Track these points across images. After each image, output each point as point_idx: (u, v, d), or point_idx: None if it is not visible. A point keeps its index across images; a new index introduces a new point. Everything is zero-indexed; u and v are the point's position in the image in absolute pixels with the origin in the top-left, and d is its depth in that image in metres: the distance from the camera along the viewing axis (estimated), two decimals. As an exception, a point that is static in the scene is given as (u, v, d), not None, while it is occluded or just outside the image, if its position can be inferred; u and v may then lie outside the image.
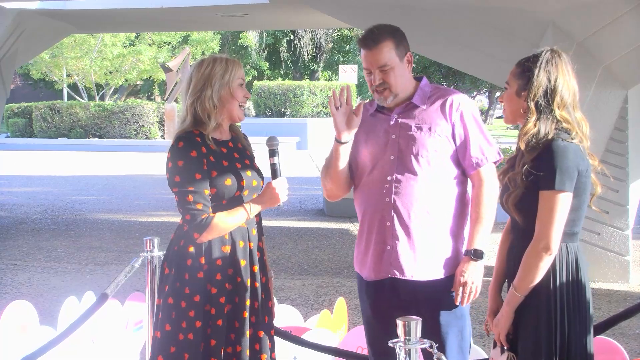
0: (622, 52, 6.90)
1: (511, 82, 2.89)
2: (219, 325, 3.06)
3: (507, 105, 2.92)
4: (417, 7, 7.55)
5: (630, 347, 5.33)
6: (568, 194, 2.74)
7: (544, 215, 2.74)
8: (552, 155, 2.73)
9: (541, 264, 2.75)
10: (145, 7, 10.40)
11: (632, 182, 7.20)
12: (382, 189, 3.16)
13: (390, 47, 3.12)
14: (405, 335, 2.53)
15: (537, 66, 2.81)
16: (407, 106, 3.18)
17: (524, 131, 2.81)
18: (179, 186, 3.05)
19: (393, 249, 3.13)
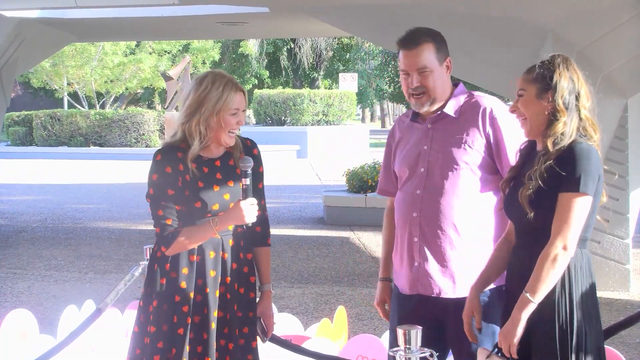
0: (621, 61, 6.91)
1: (527, 87, 2.79)
2: (179, 334, 3.05)
3: (527, 109, 2.79)
4: (417, 15, 7.56)
5: (630, 356, 5.32)
6: (589, 198, 2.69)
7: (563, 217, 2.66)
8: (577, 157, 2.67)
9: (558, 266, 2.66)
10: (145, 16, 10.42)
11: (632, 190, 7.20)
12: (411, 202, 3.10)
13: (430, 50, 3.05)
14: (405, 344, 2.52)
15: (557, 67, 2.77)
16: (439, 115, 3.10)
17: (553, 131, 2.73)
18: (151, 198, 3.10)
19: (420, 266, 3.08)
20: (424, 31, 3.10)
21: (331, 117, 27.52)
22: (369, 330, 5.87)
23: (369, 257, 9.07)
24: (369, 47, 36.86)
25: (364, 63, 39.18)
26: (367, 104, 45.06)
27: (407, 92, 3.09)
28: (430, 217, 3.05)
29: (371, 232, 10.56)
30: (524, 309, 2.68)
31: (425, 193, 3.07)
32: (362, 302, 6.95)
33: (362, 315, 6.50)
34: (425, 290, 3.08)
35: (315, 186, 16.84)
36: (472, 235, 3.05)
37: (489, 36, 7.45)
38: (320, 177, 19.10)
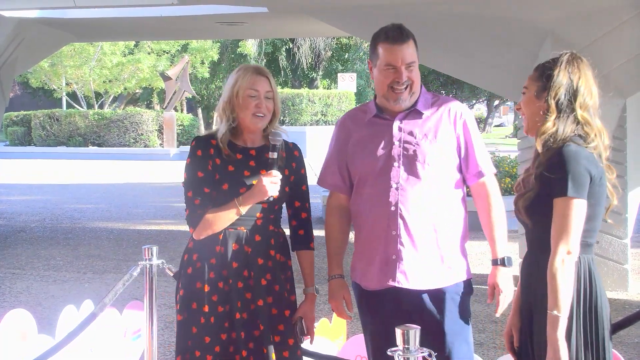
0: (621, 61, 6.91)
1: (530, 85, 2.82)
2: (211, 322, 3.12)
3: (526, 108, 2.83)
4: (416, 16, 7.56)
5: (629, 356, 5.33)
6: (582, 201, 2.64)
7: (559, 223, 2.64)
8: (563, 161, 2.64)
9: (568, 273, 2.62)
10: (144, 16, 10.41)
11: (630, 190, 7.21)
12: (387, 197, 3.12)
13: (414, 46, 3.13)
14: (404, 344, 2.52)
15: (558, 66, 2.77)
16: (410, 112, 3.15)
17: (541, 131, 2.72)
18: (185, 182, 3.19)
19: (398, 257, 3.10)
20: (404, 27, 3.15)
21: (330, 117, 27.53)
22: (368, 330, 5.86)
23: (368, 257, 9.07)
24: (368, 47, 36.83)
25: (363, 63, 39.14)
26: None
27: (387, 85, 3.10)
28: (410, 210, 3.09)
29: (370, 232, 10.56)
30: (556, 329, 2.61)
31: (404, 186, 3.10)
32: (361, 302, 6.94)
33: (360, 315, 6.49)
34: (401, 283, 3.10)
35: (313, 186, 16.81)
36: (446, 228, 3.13)
37: (488, 36, 7.45)
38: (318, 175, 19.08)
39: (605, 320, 2.72)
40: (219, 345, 3.13)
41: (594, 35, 6.81)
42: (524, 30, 7.18)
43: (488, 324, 6.16)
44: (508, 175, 11.19)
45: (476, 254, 9.17)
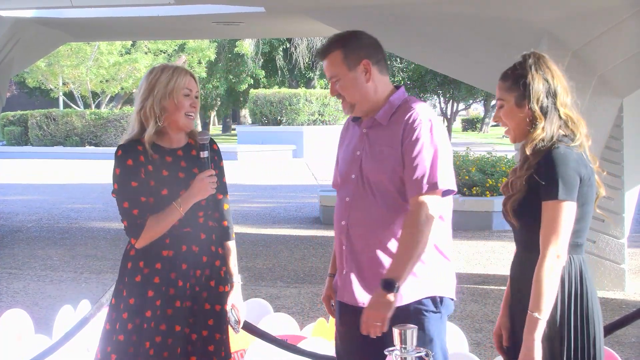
0: (617, 61, 6.92)
1: (505, 97, 2.79)
2: (151, 327, 3.10)
3: (510, 120, 2.79)
4: (413, 16, 7.56)
5: (626, 356, 5.33)
6: (572, 204, 2.65)
7: (548, 226, 2.63)
8: (553, 164, 2.64)
9: (554, 277, 2.62)
10: (141, 16, 10.40)
11: (627, 190, 7.22)
12: (341, 210, 3.03)
13: (338, 58, 2.95)
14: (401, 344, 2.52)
15: (529, 71, 2.75)
16: (373, 121, 3.00)
17: (532, 138, 2.71)
18: (116, 193, 3.15)
19: (347, 275, 3.00)
20: (336, 38, 3.01)
21: (327, 116, 27.52)
22: (365, 330, 5.87)
23: (365, 257, 9.08)
24: (365, 47, 36.81)
25: (360, 63, 39.13)
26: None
27: None
28: (356, 227, 2.96)
29: (367, 232, 10.56)
30: (534, 330, 2.61)
31: (354, 202, 2.98)
32: (358, 301, 6.95)
33: (358, 315, 6.50)
34: (350, 300, 2.99)
35: (311, 186, 16.84)
36: (393, 248, 2.91)
37: (485, 37, 7.46)
38: (316, 176, 19.10)
39: (597, 320, 2.72)
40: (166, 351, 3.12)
41: (591, 35, 6.81)
42: (520, 30, 7.19)
43: (485, 323, 6.16)
44: (505, 175, 11.21)
45: (473, 253, 9.18)
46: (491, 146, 23.14)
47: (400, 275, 2.81)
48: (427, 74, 33.48)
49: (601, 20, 6.67)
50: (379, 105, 2.99)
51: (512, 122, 2.78)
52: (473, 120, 43.88)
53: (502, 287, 7.39)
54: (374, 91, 2.99)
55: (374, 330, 2.81)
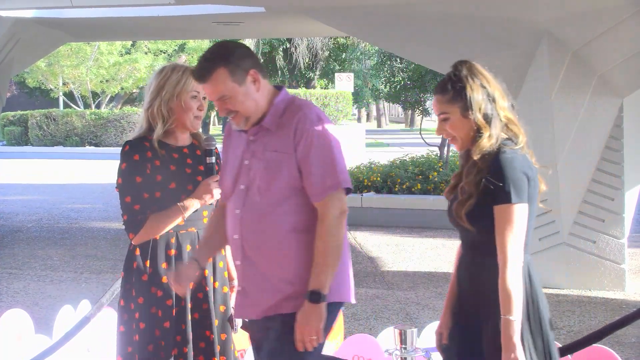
0: (617, 61, 6.92)
1: (449, 109, 2.79)
2: (166, 327, 3.12)
3: (458, 131, 2.80)
4: (413, 16, 7.56)
5: (626, 356, 5.33)
6: (524, 205, 2.71)
7: (504, 229, 2.69)
8: (503, 169, 2.69)
9: (517, 277, 2.67)
10: (141, 16, 10.41)
11: (627, 190, 7.22)
12: (233, 223, 2.89)
13: (224, 76, 2.78)
14: (401, 344, 2.53)
15: (467, 82, 2.77)
16: (260, 128, 2.87)
17: (480, 146, 2.74)
18: (120, 187, 3.16)
19: (244, 290, 2.90)
20: (215, 56, 2.81)
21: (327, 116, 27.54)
22: (365, 330, 5.87)
23: (365, 257, 9.08)
24: (365, 47, 36.86)
25: (360, 63, 39.17)
26: (363, 104, 45.08)
27: None
28: (250, 240, 2.84)
29: (367, 232, 10.57)
30: (513, 332, 2.64)
31: (245, 213, 2.85)
32: (358, 302, 6.95)
33: (358, 315, 6.50)
34: (250, 315, 2.93)
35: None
36: (292, 255, 2.82)
37: (485, 37, 7.46)
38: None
39: (546, 316, 2.78)
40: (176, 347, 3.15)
41: (590, 35, 6.81)
42: (520, 31, 7.19)
43: (485, 323, 6.17)
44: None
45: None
46: (491, 146, 23.12)
47: (324, 284, 2.75)
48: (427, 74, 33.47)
49: (601, 20, 6.67)
50: (264, 110, 2.86)
51: (460, 132, 2.81)
52: (473, 120, 43.91)
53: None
54: (262, 98, 2.86)
55: (310, 344, 2.76)
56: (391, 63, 13.08)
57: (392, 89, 13.03)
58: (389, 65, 13.15)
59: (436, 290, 7.36)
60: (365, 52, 37.89)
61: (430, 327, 4.49)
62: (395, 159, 12.55)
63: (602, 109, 7.09)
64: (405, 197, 11.25)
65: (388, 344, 4.11)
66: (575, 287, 7.30)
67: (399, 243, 9.90)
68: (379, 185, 11.56)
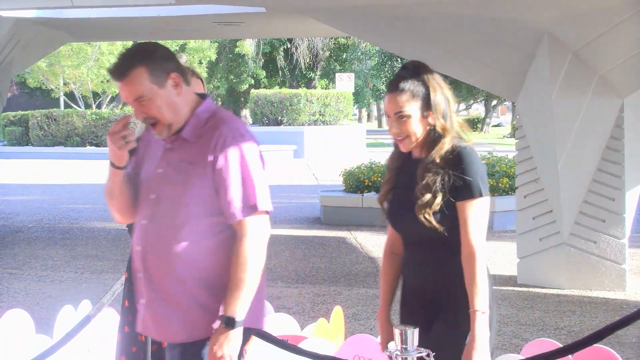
0: (618, 61, 6.92)
1: (408, 109, 2.76)
2: None
3: (415, 132, 2.77)
4: (413, 16, 7.56)
5: (626, 356, 5.33)
6: (488, 198, 2.75)
7: (471, 224, 2.70)
8: (468, 163, 2.71)
9: (485, 269, 2.69)
10: (142, 16, 10.41)
11: (628, 190, 7.22)
12: (137, 232, 2.75)
13: (144, 75, 2.62)
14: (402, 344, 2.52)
15: (429, 84, 2.77)
16: (178, 137, 2.70)
17: (440, 147, 2.74)
18: None
19: (145, 306, 2.75)
20: (131, 53, 2.66)
21: (328, 117, 27.52)
22: (366, 330, 5.87)
23: (366, 257, 9.08)
24: (366, 47, 36.87)
25: (361, 63, 39.17)
26: (363, 104, 45.12)
27: None
28: (154, 253, 2.69)
29: (368, 232, 10.57)
30: (485, 325, 2.66)
31: (152, 225, 2.70)
32: (359, 302, 6.95)
33: (358, 315, 6.50)
34: (152, 335, 2.81)
35: (312, 186, 16.84)
36: (200, 273, 2.66)
37: (485, 37, 7.46)
38: (317, 177, 19.10)
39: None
40: None
41: (591, 36, 6.82)
42: (520, 31, 7.19)
43: (486, 323, 6.16)
44: (506, 175, 11.20)
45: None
46: (492, 146, 23.15)
47: (236, 310, 2.59)
48: (427, 74, 33.48)
49: (601, 20, 6.67)
50: (185, 119, 2.69)
51: (417, 132, 2.78)
52: (474, 120, 43.85)
53: (503, 288, 7.40)
54: (183, 105, 2.69)
55: None
56: (392, 63, 13.09)
57: (392, 89, 13.00)
58: (390, 66, 13.16)
59: (437, 291, 7.36)
60: (366, 52, 37.92)
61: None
62: (396, 159, 12.52)
63: (602, 109, 7.09)
64: (406, 197, 11.23)
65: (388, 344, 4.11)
66: (575, 287, 7.30)
67: (399, 243, 9.89)
68: (379, 185, 11.51)
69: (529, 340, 4.76)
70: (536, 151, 7.33)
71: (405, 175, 2.84)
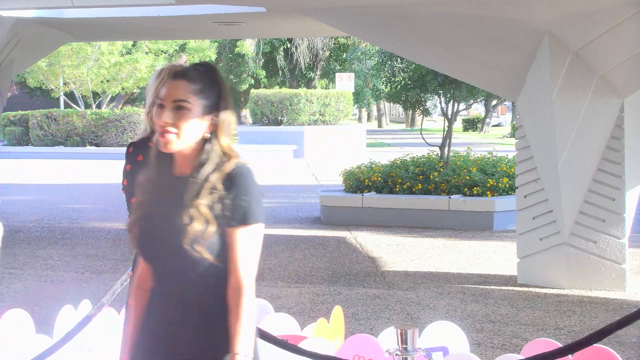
0: (618, 61, 6.92)
1: (193, 100, 2.36)
2: None
3: (189, 131, 2.36)
4: (414, 16, 7.56)
5: (627, 356, 5.33)
6: (263, 226, 2.39)
7: (243, 254, 2.33)
8: (242, 185, 2.35)
9: (254, 309, 2.33)
10: (142, 16, 10.41)
11: (628, 190, 7.22)
12: None
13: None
14: (402, 344, 2.53)
15: (222, 82, 2.41)
16: None
17: (214, 158, 2.36)
18: (125, 189, 3.22)
19: None
20: None
21: (328, 117, 27.52)
22: (366, 330, 5.87)
23: (366, 257, 9.08)
24: (366, 47, 36.85)
25: (361, 63, 39.16)
26: (363, 104, 45.06)
27: None
28: None
29: (368, 232, 10.57)
30: None
31: None
32: (359, 301, 6.95)
33: (358, 315, 6.50)
34: None
35: (312, 186, 16.84)
36: None
37: (486, 37, 7.46)
38: (317, 177, 19.10)
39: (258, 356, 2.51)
40: None
41: (591, 36, 6.82)
42: (521, 31, 7.19)
43: (485, 323, 6.17)
44: (506, 175, 11.21)
45: (474, 253, 9.19)
46: (492, 146, 23.15)
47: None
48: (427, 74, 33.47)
49: (602, 20, 6.67)
50: None
51: (191, 133, 2.37)
52: (474, 120, 43.88)
53: (503, 287, 7.40)
54: None
55: None
56: (392, 63, 13.07)
57: (392, 89, 13.02)
58: (390, 65, 13.15)
59: (437, 290, 7.36)
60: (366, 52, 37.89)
61: (430, 327, 4.49)
62: (396, 159, 12.55)
63: (603, 109, 7.09)
64: (406, 197, 11.24)
65: (388, 344, 4.11)
66: (576, 287, 7.30)
67: (399, 243, 9.89)
68: (379, 185, 11.56)
69: (529, 340, 4.76)
70: (536, 151, 7.34)
71: (164, 195, 2.42)
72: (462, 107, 13.91)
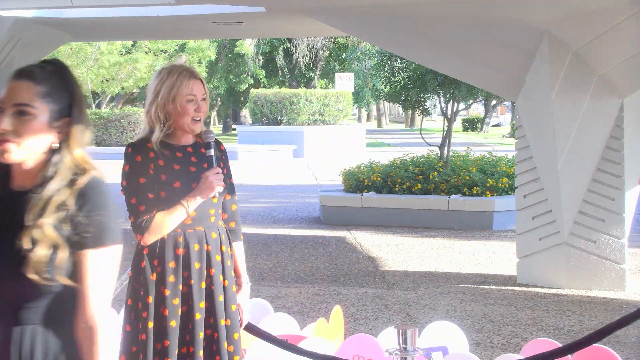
0: (618, 61, 6.93)
1: (39, 105, 2.04)
2: (172, 326, 3.15)
3: (32, 141, 2.02)
4: (413, 16, 7.56)
5: (626, 356, 5.33)
6: (120, 247, 2.09)
7: (102, 283, 2.03)
8: (94, 200, 2.04)
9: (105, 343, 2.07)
10: (141, 16, 10.41)
11: (627, 190, 7.22)
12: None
13: None
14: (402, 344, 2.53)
15: (75, 87, 2.15)
16: None
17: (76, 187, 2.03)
18: (124, 189, 3.18)
19: None
20: None
21: (327, 116, 27.53)
22: (365, 329, 5.88)
23: (365, 257, 9.08)
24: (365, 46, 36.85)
25: (360, 63, 39.14)
26: (363, 104, 45.06)
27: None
28: None
29: (367, 232, 10.57)
30: None
31: None
32: (359, 301, 6.95)
33: (358, 314, 6.50)
34: None
35: (311, 186, 16.85)
36: None
37: (486, 37, 7.46)
38: (316, 176, 19.10)
39: None
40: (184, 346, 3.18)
41: (591, 36, 6.82)
42: (520, 31, 7.19)
43: (485, 323, 6.17)
44: (506, 175, 11.21)
45: (473, 253, 9.19)
46: (491, 146, 23.15)
47: None
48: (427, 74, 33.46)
49: (601, 20, 6.67)
50: None
51: (33, 142, 2.03)
52: (473, 120, 43.88)
53: (503, 287, 7.40)
54: None
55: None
56: (391, 63, 13.08)
57: (392, 89, 13.03)
58: (389, 65, 13.15)
59: (436, 290, 7.36)
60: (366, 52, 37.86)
61: (430, 327, 4.49)
62: (396, 158, 12.56)
63: (602, 109, 7.09)
64: (406, 197, 11.25)
65: (388, 343, 4.11)
66: (575, 287, 7.30)
67: (399, 243, 9.90)
68: (379, 185, 11.57)
69: (529, 340, 4.76)
70: (536, 151, 7.34)
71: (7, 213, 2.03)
72: (461, 107, 13.91)
